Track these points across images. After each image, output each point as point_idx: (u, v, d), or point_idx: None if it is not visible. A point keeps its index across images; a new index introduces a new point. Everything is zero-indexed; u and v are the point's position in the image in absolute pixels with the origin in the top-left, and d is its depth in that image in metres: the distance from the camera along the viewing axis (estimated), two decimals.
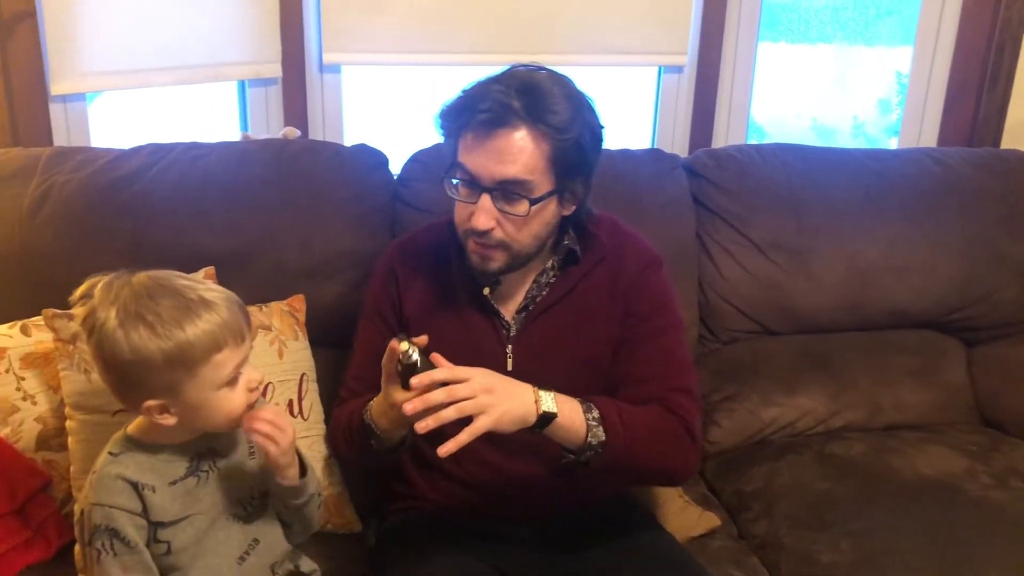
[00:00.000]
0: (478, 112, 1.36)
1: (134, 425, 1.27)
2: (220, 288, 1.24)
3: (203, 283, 1.24)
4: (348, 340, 1.69)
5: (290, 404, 1.70)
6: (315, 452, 1.68)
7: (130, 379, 1.18)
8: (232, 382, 1.21)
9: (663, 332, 1.53)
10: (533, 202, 1.39)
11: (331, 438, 1.67)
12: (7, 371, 1.63)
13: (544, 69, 1.42)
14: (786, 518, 1.76)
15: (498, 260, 1.45)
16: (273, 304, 1.79)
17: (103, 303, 1.17)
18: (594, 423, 1.36)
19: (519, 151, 1.37)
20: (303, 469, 1.33)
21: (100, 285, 1.19)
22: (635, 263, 1.56)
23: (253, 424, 1.24)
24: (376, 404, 1.45)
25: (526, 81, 1.38)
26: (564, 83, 1.42)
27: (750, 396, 2.07)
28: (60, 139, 2.15)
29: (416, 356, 1.29)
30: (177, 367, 1.16)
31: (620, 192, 2.04)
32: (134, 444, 1.25)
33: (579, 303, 1.54)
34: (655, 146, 2.65)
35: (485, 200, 1.39)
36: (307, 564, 1.41)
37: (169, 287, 1.18)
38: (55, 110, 2.11)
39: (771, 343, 2.18)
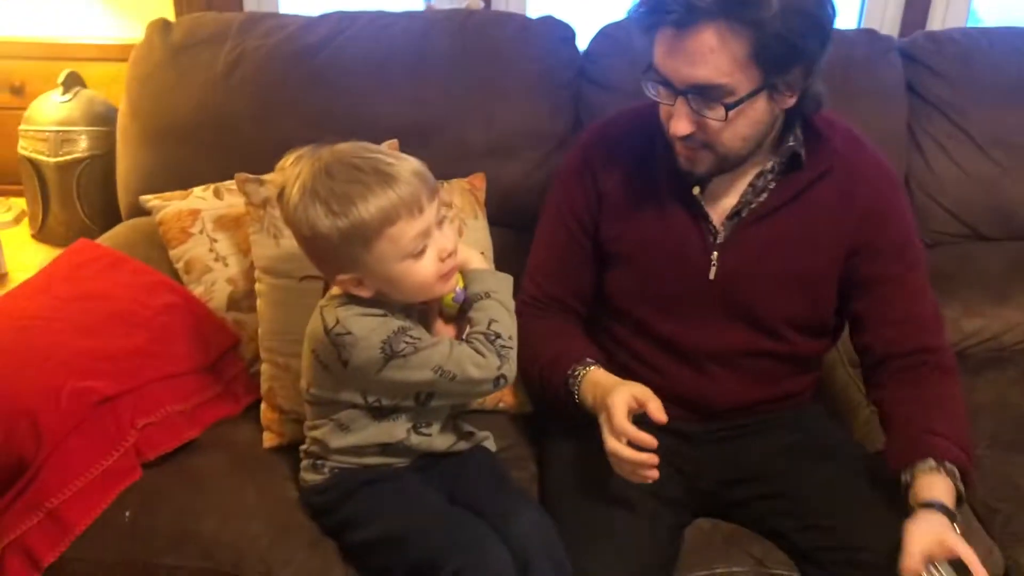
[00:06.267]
0: (665, 12, 1.24)
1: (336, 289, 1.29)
2: (404, 157, 1.23)
3: (388, 154, 1.23)
4: (527, 221, 1.65)
5: None
6: None
7: (318, 253, 1.23)
8: (418, 254, 1.21)
9: (916, 266, 1.46)
10: (729, 107, 1.27)
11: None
12: (201, 232, 1.69)
13: None
14: (984, 436, 1.63)
15: (705, 162, 1.36)
16: (454, 181, 1.77)
17: (291, 178, 1.20)
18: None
19: (708, 52, 1.24)
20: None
21: (292, 159, 1.22)
22: (873, 185, 1.43)
23: None
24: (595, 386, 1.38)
25: None
26: None
27: (951, 304, 1.90)
28: (250, 4, 2.18)
29: None
30: (353, 243, 1.18)
31: (827, 75, 1.85)
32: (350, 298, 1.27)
33: (800, 215, 1.41)
34: (862, 26, 2.44)
35: (680, 104, 1.29)
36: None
37: (348, 163, 1.19)
38: None
39: (981, 249, 2.00)
